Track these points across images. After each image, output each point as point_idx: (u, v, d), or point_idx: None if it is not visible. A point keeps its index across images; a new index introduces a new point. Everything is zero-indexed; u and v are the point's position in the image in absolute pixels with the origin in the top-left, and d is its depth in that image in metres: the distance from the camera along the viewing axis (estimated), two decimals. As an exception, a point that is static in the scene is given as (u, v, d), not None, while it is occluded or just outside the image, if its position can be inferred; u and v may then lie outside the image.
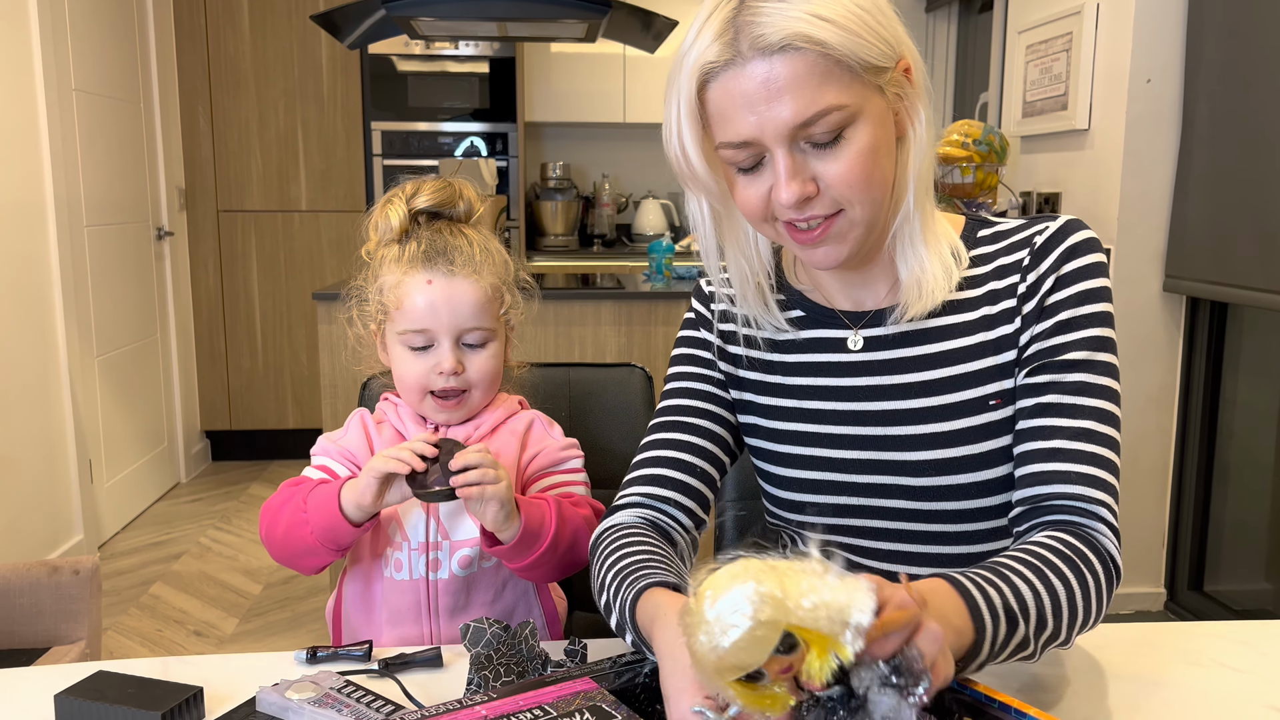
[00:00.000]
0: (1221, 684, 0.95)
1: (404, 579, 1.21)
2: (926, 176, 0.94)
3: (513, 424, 1.27)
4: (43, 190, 3.16)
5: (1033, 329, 0.98)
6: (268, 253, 4.44)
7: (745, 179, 0.91)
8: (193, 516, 3.86)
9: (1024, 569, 0.84)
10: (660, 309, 2.75)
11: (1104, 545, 0.90)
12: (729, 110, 0.87)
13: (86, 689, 0.90)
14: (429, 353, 1.21)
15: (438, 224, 1.24)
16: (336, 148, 4.42)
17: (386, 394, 1.31)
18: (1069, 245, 0.98)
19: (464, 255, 1.20)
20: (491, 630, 0.92)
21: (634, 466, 1.10)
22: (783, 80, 0.84)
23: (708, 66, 0.86)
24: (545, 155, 4.96)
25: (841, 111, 0.85)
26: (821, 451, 1.05)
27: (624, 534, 1.00)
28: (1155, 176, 2.75)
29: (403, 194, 1.24)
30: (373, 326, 1.26)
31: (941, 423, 1.00)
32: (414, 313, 1.19)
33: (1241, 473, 2.74)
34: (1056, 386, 0.96)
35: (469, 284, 1.19)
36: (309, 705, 0.88)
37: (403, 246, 1.22)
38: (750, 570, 0.63)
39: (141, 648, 2.79)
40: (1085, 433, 0.94)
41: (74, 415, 3.30)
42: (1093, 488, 0.92)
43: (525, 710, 0.75)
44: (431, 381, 1.20)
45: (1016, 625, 0.80)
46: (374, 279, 1.24)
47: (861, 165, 0.87)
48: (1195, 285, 2.65)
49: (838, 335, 1.04)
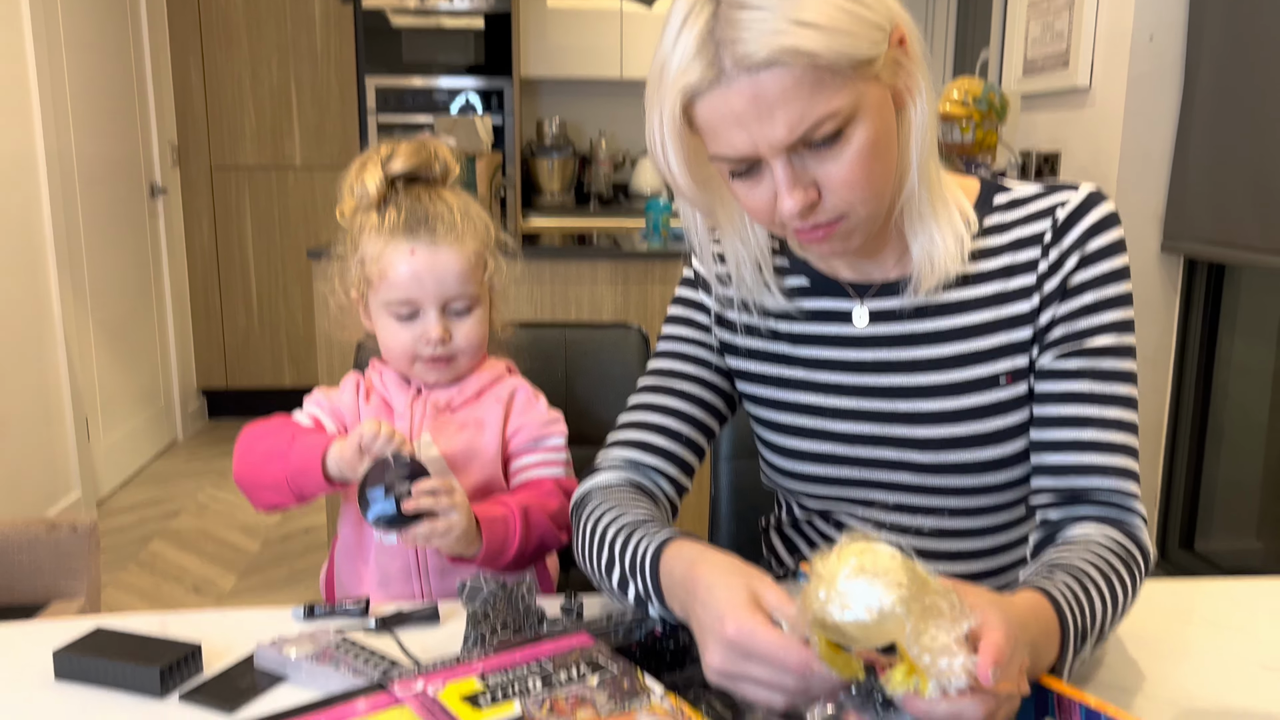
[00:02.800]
0: (1212, 641, 0.96)
1: (392, 542, 1.21)
2: (930, 144, 0.91)
3: (498, 390, 1.26)
4: (34, 145, 3.13)
5: (1055, 309, 0.96)
6: (262, 210, 4.41)
7: (744, 185, 0.87)
8: (190, 474, 3.87)
9: (1102, 583, 0.84)
10: (657, 268, 2.74)
11: (1144, 541, 0.91)
12: (719, 128, 0.83)
13: (86, 645, 0.90)
14: (415, 321, 1.20)
15: (415, 189, 1.22)
16: (330, 103, 4.37)
17: (374, 360, 1.30)
18: (1094, 221, 0.96)
19: (445, 222, 1.19)
20: (488, 587, 0.92)
21: (619, 427, 1.08)
22: (772, 96, 0.80)
23: (691, 88, 0.82)
24: (541, 112, 4.92)
25: (837, 117, 0.81)
26: (824, 424, 1.04)
27: (615, 494, 1.00)
28: (1156, 136, 2.73)
29: (378, 157, 1.21)
30: (354, 294, 1.25)
31: (949, 399, 0.99)
32: (398, 283, 1.18)
33: (1235, 433, 2.76)
34: (1087, 374, 0.95)
35: (452, 252, 1.18)
36: (307, 661, 0.88)
37: (382, 214, 1.20)
38: (903, 573, 0.64)
39: (140, 604, 2.81)
40: (1117, 423, 0.94)
41: (69, 373, 3.29)
42: (1127, 480, 0.93)
43: (522, 665, 0.76)
44: (419, 350, 1.20)
45: (1085, 645, 0.81)
46: (354, 248, 1.22)
47: (862, 165, 0.84)
48: (1193, 246, 2.64)
49: (843, 307, 1.02)
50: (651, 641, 0.85)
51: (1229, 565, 2.75)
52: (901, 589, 0.63)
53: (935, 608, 0.64)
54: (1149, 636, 0.96)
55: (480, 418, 1.24)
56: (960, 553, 1.05)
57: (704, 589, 0.76)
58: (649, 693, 0.72)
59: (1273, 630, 0.98)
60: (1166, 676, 0.90)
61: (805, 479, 1.06)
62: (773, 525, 1.21)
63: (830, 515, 1.10)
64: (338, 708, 0.72)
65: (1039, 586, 0.80)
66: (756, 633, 0.69)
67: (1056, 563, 0.85)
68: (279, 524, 3.38)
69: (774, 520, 1.21)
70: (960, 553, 1.05)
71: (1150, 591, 1.05)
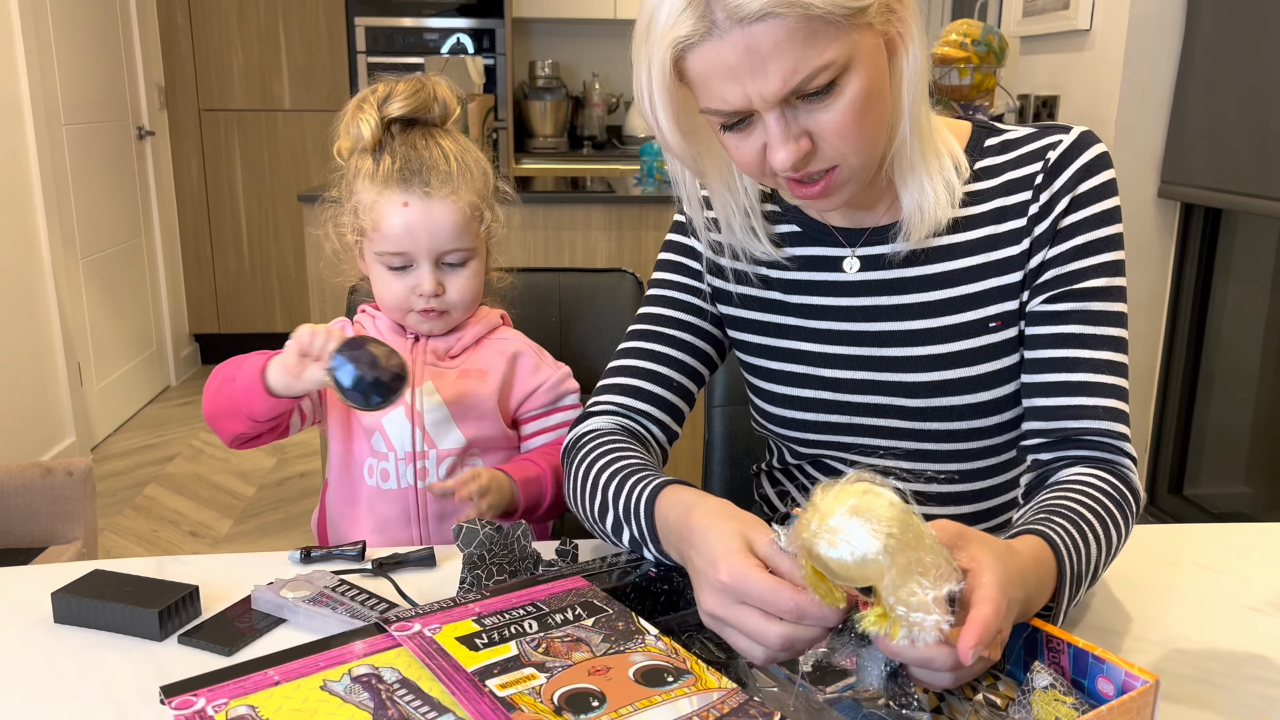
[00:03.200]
0: (1199, 584, 0.97)
1: (391, 488, 1.21)
2: (921, 91, 0.89)
3: (500, 344, 1.26)
4: (18, 86, 3.07)
5: (1045, 252, 0.96)
6: (251, 153, 4.36)
7: (735, 137, 0.86)
8: (184, 419, 3.88)
9: (1097, 525, 0.84)
10: (651, 213, 2.72)
11: (1134, 483, 0.91)
12: (711, 81, 0.81)
13: (84, 587, 0.91)
14: (408, 273, 1.18)
15: (412, 134, 1.19)
16: (319, 44, 4.30)
17: (364, 306, 1.29)
18: (1085, 162, 0.95)
19: (440, 173, 1.16)
20: (484, 531, 0.93)
21: (610, 373, 1.08)
22: (766, 49, 0.78)
23: (681, 41, 0.80)
24: (534, 53, 4.84)
25: (831, 67, 0.80)
26: (815, 370, 1.04)
27: (608, 439, 1.00)
28: (1155, 80, 2.70)
29: (374, 99, 1.18)
30: (349, 238, 1.23)
31: (939, 345, 0.99)
32: (391, 235, 1.16)
33: (1226, 379, 2.77)
34: (1077, 316, 0.94)
35: (447, 205, 1.16)
36: (304, 604, 0.89)
37: (376, 160, 1.17)
38: (896, 524, 0.64)
39: (137, 547, 2.83)
40: (1107, 364, 0.94)
41: (60, 318, 3.27)
42: (1117, 421, 0.93)
43: (518, 607, 0.77)
44: (412, 302, 1.19)
45: (1080, 589, 0.81)
46: (349, 192, 1.20)
47: (856, 115, 0.82)
48: (1190, 191, 2.62)
49: (834, 254, 1.02)
50: (646, 584, 0.86)
51: (1218, 510, 2.78)
52: (890, 539, 0.63)
53: (921, 563, 0.64)
54: (1137, 580, 0.97)
55: (482, 367, 1.23)
56: (950, 495, 1.06)
57: (698, 535, 0.77)
58: (643, 634, 0.73)
59: (1259, 572, 1.00)
60: (1154, 619, 0.91)
61: (796, 425, 1.07)
62: (763, 470, 1.22)
63: (821, 461, 1.10)
64: (336, 649, 0.72)
65: (1038, 531, 0.80)
66: (749, 576, 0.70)
67: (1052, 506, 0.85)
68: (274, 469, 3.39)
69: (765, 465, 1.21)
70: (950, 495, 1.06)
71: (1139, 536, 1.06)
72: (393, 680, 0.69)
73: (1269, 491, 2.64)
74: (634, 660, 0.69)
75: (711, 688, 0.66)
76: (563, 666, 0.69)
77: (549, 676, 0.67)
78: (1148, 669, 0.67)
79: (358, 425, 1.22)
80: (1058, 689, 0.69)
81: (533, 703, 0.64)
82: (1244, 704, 0.78)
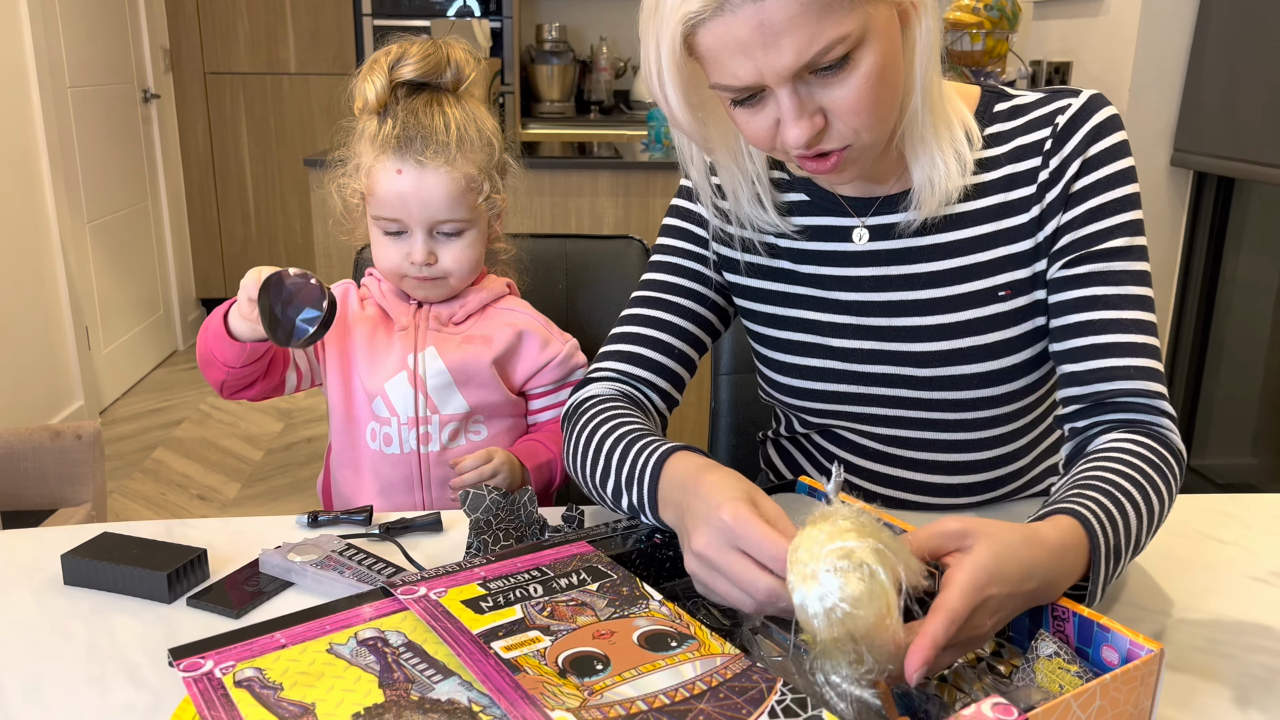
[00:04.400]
0: (1205, 555, 0.98)
1: (394, 453, 1.22)
2: (934, 62, 0.87)
3: (507, 315, 1.25)
4: (22, 48, 3.06)
5: (1059, 217, 0.95)
6: (257, 117, 4.34)
7: (746, 113, 0.84)
8: (192, 384, 3.89)
9: (1137, 495, 0.81)
10: (659, 179, 2.70)
11: (1173, 441, 0.89)
12: (722, 56, 0.79)
13: (93, 549, 0.91)
14: (402, 239, 1.18)
15: (418, 99, 1.17)
16: (325, 7, 4.26)
17: (371, 269, 1.28)
18: (1094, 125, 0.93)
19: (438, 143, 1.14)
20: (490, 496, 0.93)
21: (612, 339, 1.08)
22: (778, 23, 0.76)
23: (692, 17, 0.78)
24: (540, 16, 4.79)
25: (846, 41, 0.78)
26: (822, 340, 1.03)
27: (609, 405, 0.99)
28: (1170, 47, 2.67)
29: (386, 60, 1.17)
30: (354, 199, 1.22)
31: (948, 314, 0.98)
32: (385, 200, 1.16)
33: (1235, 349, 2.76)
34: (1098, 277, 0.93)
35: (440, 176, 1.14)
36: (311, 567, 0.90)
37: (380, 123, 1.16)
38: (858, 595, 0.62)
39: (146, 511, 2.85)
40: (1135, 323, 0.92)
41: (68, 282, 3.28)
42: (1152, 380, 0.91)
43: (523, 571, 0.77)
44: (405, 268, 1.18)
45: (1120, 564, 0.79)
46: (353, 152, 1.20)
47: (870, 89, 0.81)
48: (1203, 160, 2.60)
49: (842, 223, 1.01)
50: (651, 550, 0.86)
51: (1224, 481, 2.78)
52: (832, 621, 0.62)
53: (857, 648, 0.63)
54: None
55: (487, 334, 1.23)
56: (956, 464, 1.06)
57: (706, 486, 0.77)
58: (648, 599, 0.74)
59: (1265, 543, 1.00)
60: (1159, 589, 0.91)
61: (804, 394, 1.06)
62: (770, 439, 1.21)
63: (829, 429, 1.10)
64: (342, 613, 0.73)
65: (1069, 509, 0.77)
66: (751, 521, 0.70)
67: (1088, 480, 0.82)
68: (281, 434, 3.40)
69: (771, 434, 1.21)
70: (956, 464, 1.06)
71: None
72: (399, 643, 0.69)
73: (1276, 462, 2.64)
74: (638, 625, 0.70)
75: (715, 653, 0.66)
76: (567, 630, 0.69)
77: (553, 640, 0.68)
78: (1152, 638, 0.68)
79: (359, 388, 1.22)
80: (1062, 657, 0.69)
81: (537, 665, 0.64)
82: (1249, 674, 0.79)
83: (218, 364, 1.15)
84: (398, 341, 1.22)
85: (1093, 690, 0.62)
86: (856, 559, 0.62)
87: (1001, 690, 0.69)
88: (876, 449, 1.07)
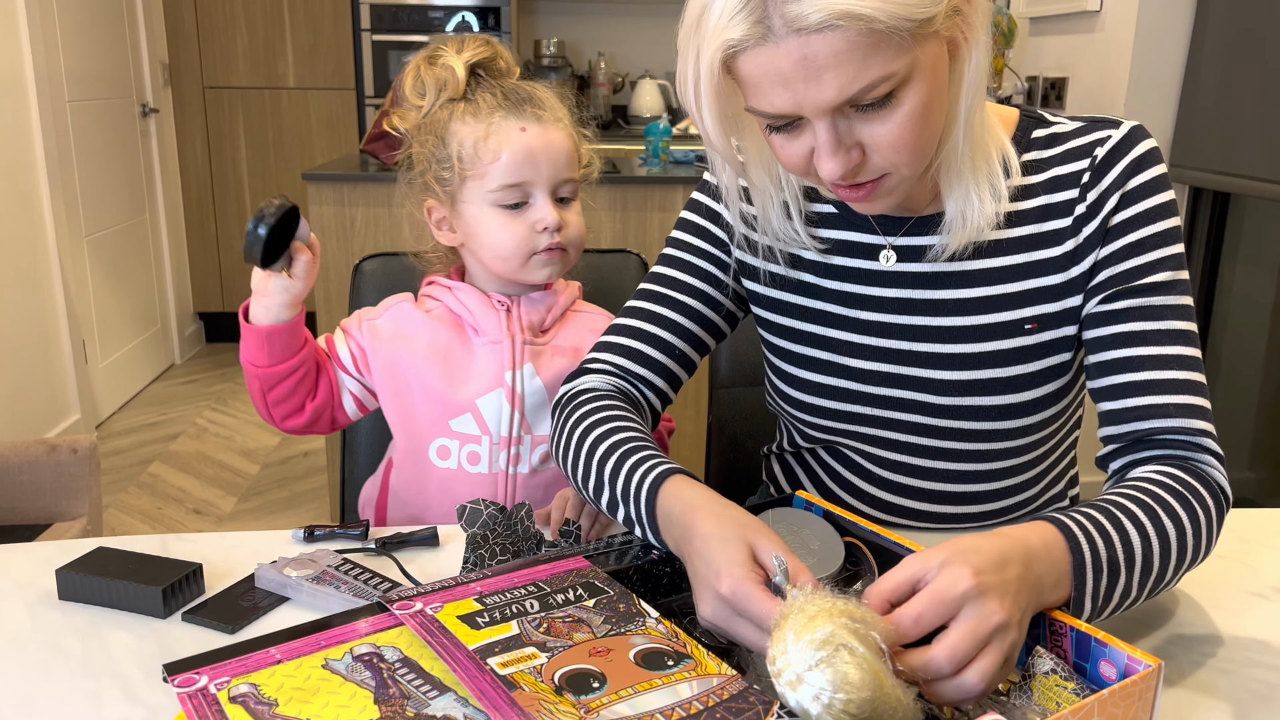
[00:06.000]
0: (1203, 569, 0.97)
1: (480, 472, 1.16)
2: (980, 94, 0.85)
3: (590, 320, 1.22)
4: (22, 62, 3.06)
5: (1098, 252, 0.92)
6: (256, 131, 4.35)
7: (781, 138, 0.83)
8: (188, 397, 3.88)
9: (1136, 509, 0.79)
10: (657, 194, 2.71)
11: (1213, 477, 0.86)
12: (762, 84, 0.77)
13: (88, 564, 0.91)
14: (524, 211, 1.13)
15: (492, 80, 1.15)
16: (324, 22, 4.28)
17: (432, 277, 1.22)
18: (1134, 158, 0.91)
19: (546, 102, 1.13)
20: (488, 511, 0.93)
21: (614, 329, 1.06)
22: (823, 59, 0.74)
23: (734, 44, 0.76)
24: (539, 32, 4.81)
25: (891, 79, 0.76)
26: (839, 358, 1.01)
27: (602, 402, 0.98)
28: (1165, 62, 2.68)
29: (449, 49, 1.14)
30: (430, 202, 1.17)
31: (971, 343, 0.96)
32: (511, 164, 1.10)
33: (1232, 364, 2.76)
34: (1137, 313, 0.90)
35: (560, 130, 1.13)
36: (307, 582, 0.89)
37: (471, 101, 1.12)
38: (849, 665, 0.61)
39: (142, 525, 2.84)
40: (1176, 359, 0.89)
41: (65, 295, 3.27)
42: (1193, 417, 0.87)
43: (519, 586, 0.77)
44: (534, 241, 1.12)
45: (1118, 576, 0.76)
46: (439, 144, 1.13)
47: (912, 128, 0.79)
48: (1199, 175, 2.61)
49: (870, 240, 0.99)
50: (648, 566, 0.86)
51: (1220, 495, 2.78)
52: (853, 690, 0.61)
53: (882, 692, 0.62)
54: (1141, 564, 0.97)
55: (577, 345, 1.19)
56: (959, 494, 1.04)
57: (701, 540, 0.75)
58: (645, 616, 0.73)
59: (1263, 558, 1.00)
60: (1157, 603, 0.91)
61: (814, 410, 1.05)
62: (773, 452, 1.21)
63: (834, 447, 1.09)
64: (338, 628, 0.72)
65: (1046, 517, 0.77)
66: (750, 595, 0.69)
67: (1085, 502, 0.81)
68: (278, 447, 3.40)
69: (775, 448, 1.20)
70: (959, 494, 1.04)
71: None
72: (394, 659, 0.69)
73: (1274, 477, 2.64)
74: (634, 643, 0.69)
75: (712, 673, 0.66)
76: (563, 647, 0.69)
77: (550, 656, 0.67)
78: (1151, 653, 0.67)
79: (430, 403, 1.16)
80: (1059, 674, 0.69)
81: (533, 682, 0.64)
82: (1247, 689, 0.78)
83: (248, 366, 1.12)
84: (486, 354, 1.16)
85: (1090, 706, 0.62)
86: (833, 643, 0.62)
87: (999, 708, 0.69)
88: (880, 474, 1.06)
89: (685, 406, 2.67)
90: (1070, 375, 0.99)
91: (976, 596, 0.66)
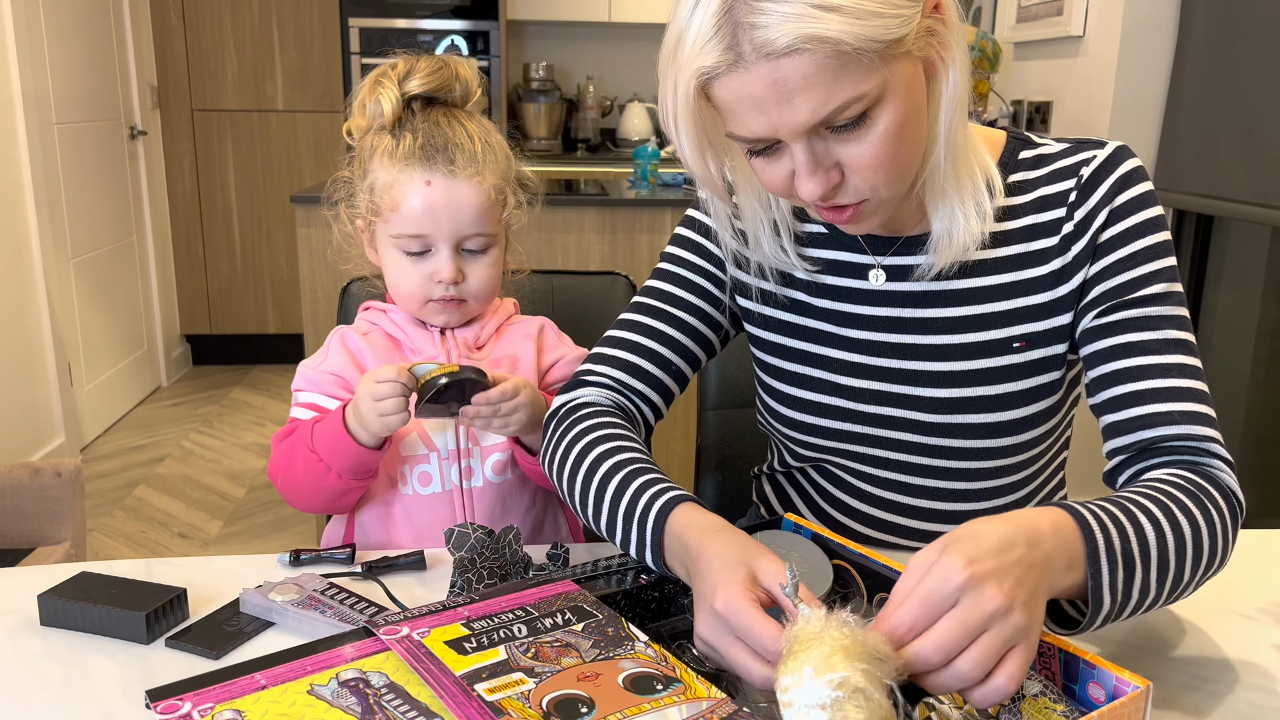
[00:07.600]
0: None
1: (434, 492, 1.15)
2: (961, 114, 0.86)
3: (523, 327, 1.22)
4: (9, 84, 3.06)
5: (1087, 269, 0.93)
6: (244, 154, 4.35)
7: (762, 162, 0.84)
8: (174, 420, 3.86)
9: (1150, 504, 0.78)
10: (645, 216, 2.72)
11: (1225, 482, 0.85)
12: (737, 109, 0.79)
13: (71, 589, 0.90)
14: (426, 259, 1.13)
15: (434, 112, 1.13)
16: (313, 45, 4.29)
17: (367, 304, 1.23)
18: (1120, 175, 0.92)
19: (465, 152, 1.11)
20: (475, 535, 0.92)
21: (608, 342, 1.06)
22: (793, 82, 0.75)
23: (706, 72, 0.77)
24: (528, 55, 4.84)
25: (862, 100, 0.77)
26: (830, 376, 1.02)
27: (600, 417, 0.98)
28: (1148, 86, 2.71)
29: (394, 74, 1.13)
30: (360, 223, 1.17)
31: (960, 361, 0.97)
32: (411, 216, 1.10)
33: (1217, 386, 2.78)
34: (1135, 323, 0.90)
35: (471, 186, 1.10)
36: (292, 607, 0.89)
37: (396, 138, 1.11)
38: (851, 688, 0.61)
39: (126, 549, 2.81)
40: (1176, 368, 0.88)
41: (51, 317, 3.26)
42: (1200, 424, 0.87)
43: (507, 611, 0.76)
44: (430, 290, 1.13)
45: (1134, 569, 0.74)
46: (364, 172, 1.14)
47: (888, 147, 0.80)
48: (1183, 198, 2.63)
49: (859, 260, 1.00)
50: (637, 590, 0.86)
51: (1207, 516, 2.78)
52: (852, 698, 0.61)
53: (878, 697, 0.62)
54: (1129, 586, 0.97)
55: (514, 354, 1.19)
56: (949, 513, 1.04)
57: (705, 561, 0.76)
58: (633, 640, 0.73)
59: (1251, 579, 1.00)
60: (1145, 624, 0.91)
61: (804, 428, 1.06)
62: (764, 472, 1.21)
63: (823, 466, 1.09)
64: (324, 653, 0.72)
65: (1056, 504, 0.75)
66: (742, 611, 0.69)
67: (1095, 499, 0.79)
68: (264, 470, 3.38)
69: (765, 468, 1.20)
70: (949, 513, 1.04)
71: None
72: (380, 684, 0.68)
73: (1260, 498, 2.65)
74: (623, 667, 0.69)
75: (701, 697, 0.66)
76: (552, 672, 0.68)
77: (538, 681, 0.67)
78: (1139, 675, 0.67)
79: None
80: (1048, 696, 0.69)
81: (521, 708, 0.64)
82: (1236, 711, 0.78)
83: (355, 486, 1.09)
84: None
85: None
86: (849, 687, 0.61)
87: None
88: (871, 491, 1.06)
89: (674, 428, 2.67)
90: (1059, 395, 0.99)
91: (972, 587, 0.64)
